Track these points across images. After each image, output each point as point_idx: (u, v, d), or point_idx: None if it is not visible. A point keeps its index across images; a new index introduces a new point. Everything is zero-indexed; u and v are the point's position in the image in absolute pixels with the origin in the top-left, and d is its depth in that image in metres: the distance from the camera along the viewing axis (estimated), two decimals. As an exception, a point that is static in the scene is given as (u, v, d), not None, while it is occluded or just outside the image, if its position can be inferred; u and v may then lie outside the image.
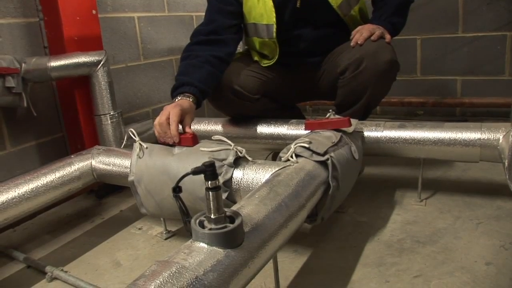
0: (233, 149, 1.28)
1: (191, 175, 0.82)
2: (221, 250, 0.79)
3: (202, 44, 1.72)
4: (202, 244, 0.80)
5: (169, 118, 1.40)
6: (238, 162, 1.28)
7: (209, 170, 0.78)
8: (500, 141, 1.44)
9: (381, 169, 2.09)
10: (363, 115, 1.76)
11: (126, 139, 1.75)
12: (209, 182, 0.79)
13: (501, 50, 2.63)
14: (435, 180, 1.89)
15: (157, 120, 1.41)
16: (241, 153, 1.28)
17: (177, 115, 1.40)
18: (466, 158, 1.54)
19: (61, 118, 2.02)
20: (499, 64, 2.66)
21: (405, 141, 1.59)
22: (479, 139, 1.48)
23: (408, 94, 2.86)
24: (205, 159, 1.26)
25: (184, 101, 1.51)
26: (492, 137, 1.46)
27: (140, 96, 2.41)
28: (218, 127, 1.97)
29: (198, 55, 1.67)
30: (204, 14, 1.85)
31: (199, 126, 2.01)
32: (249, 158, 1.29)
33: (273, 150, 2.01)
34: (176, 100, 1.53)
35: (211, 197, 0.80)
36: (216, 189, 0.79)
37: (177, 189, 0.88)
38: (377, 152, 1.66)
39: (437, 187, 1.79)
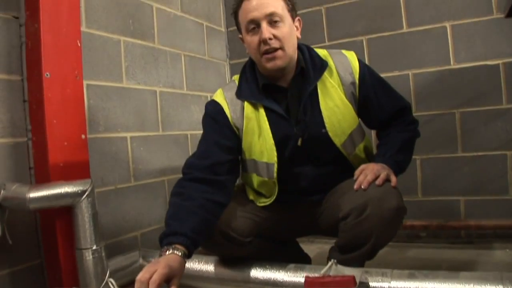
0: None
1: None
2: None
3: (197, 182, 1.59)
4: None
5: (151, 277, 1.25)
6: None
7: None
8: (522, 294, 1.30)
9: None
10: (369, 257, 1.62)
11: (104, 284, 1.59)
12: None
13: (502, 169, 2.57)
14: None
15: (139, 276, 1.26)
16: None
17: (161, 278, 1.25)
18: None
19: (40, 243, 1.86)
20: (502, 183, 2.58)
21: (415, 293, 1.42)
22: (499, 291, 1.32)
23: (410, 215, 2.67)
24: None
25: (175, 257, 1.37)
26: (513, 289, 1.31)
27: (129, 220, 2.28)
28: (210, 267, 1.80)
29: (192, 196, 1.54)
30: (199, 140, 1.75)
31: (189, 265, 1.79)
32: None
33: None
34: (167, 252, 1.39)
35: None
36: None
37: None
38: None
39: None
